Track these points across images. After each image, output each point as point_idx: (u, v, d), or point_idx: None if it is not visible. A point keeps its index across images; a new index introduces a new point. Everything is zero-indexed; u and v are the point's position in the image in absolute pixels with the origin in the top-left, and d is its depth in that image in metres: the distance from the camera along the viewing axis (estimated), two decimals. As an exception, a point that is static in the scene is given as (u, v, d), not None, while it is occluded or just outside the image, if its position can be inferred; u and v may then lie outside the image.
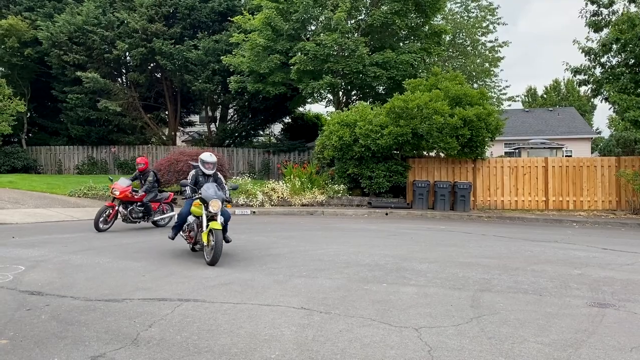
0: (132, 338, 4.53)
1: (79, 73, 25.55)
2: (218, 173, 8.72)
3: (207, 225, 7.83)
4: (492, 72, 32.14)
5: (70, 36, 25.93)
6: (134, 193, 11.90)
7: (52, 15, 27.02)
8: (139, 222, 12.16)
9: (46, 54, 26.64)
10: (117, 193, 11.60)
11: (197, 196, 8.18)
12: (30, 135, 30.37)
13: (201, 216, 8.04)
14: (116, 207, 11.62)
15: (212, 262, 7.62)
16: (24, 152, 27.64)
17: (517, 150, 27.84)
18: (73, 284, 6.44)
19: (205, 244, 7.79)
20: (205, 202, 7.96)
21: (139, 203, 11.95)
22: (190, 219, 8.39)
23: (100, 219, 11.41)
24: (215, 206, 7.85)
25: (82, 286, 6.35)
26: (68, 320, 5.02)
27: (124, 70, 29.57)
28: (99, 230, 11.26)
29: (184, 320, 5.05)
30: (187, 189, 8.30)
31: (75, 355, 4.15)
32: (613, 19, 17.26)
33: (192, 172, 8.60)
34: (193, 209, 8.32)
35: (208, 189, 8.07)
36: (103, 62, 27.02)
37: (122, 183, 11.82)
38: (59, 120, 29.71)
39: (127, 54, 27.29)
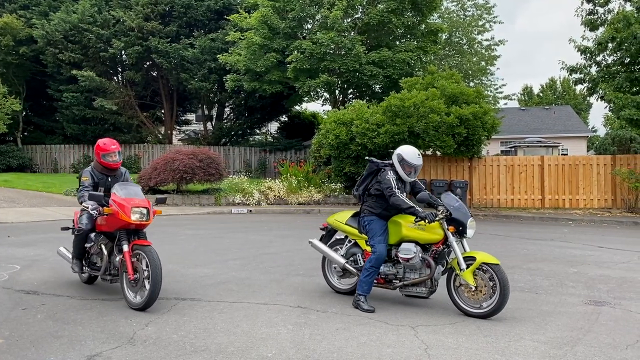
0: (128, 337, 4.52)
1: (74, 71, 25.40)
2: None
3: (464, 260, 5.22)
4: (488, 71, 32.30)
5: (65, 34, 25.78)
6: None
7: (48, 14, 26.87)
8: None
9: (41, 52, 26.50)
10: (144, 215, 5.49)
11: (440, 216, 5.32)
12: (26, 134, 30.19)
13: (430, 244, 5.45)
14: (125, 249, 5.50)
15: (495, 311, 5.11)
16: (19, 150, 27.48)
17: (513, 149, 27.88)
18: (69, 283, 6.43)
19: (472, 287, 5.16)
20: (460, 225, 5.33)
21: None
22: (413, 250, 5.34)
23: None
24: (473, 230, 5.45)
25: (78, 285, 6.34)
26: (64, 319, 5.01)
27: (119, 69, 29.43)
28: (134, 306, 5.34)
29: (180, 319, 5.05)
30: (415, 205, 5.40)
31: (71, 354, 4.14)
32: (609, 18, 17.30)
33: (390, 175, 5.53)
34: (410, 232, 5.46)
35: (453, 202, 5.44)
36: (99, 60, 26.89)
37: (138, 193, 5.75)
38: (54, 118, 29.54)
39: (122, 52, 27.17)
